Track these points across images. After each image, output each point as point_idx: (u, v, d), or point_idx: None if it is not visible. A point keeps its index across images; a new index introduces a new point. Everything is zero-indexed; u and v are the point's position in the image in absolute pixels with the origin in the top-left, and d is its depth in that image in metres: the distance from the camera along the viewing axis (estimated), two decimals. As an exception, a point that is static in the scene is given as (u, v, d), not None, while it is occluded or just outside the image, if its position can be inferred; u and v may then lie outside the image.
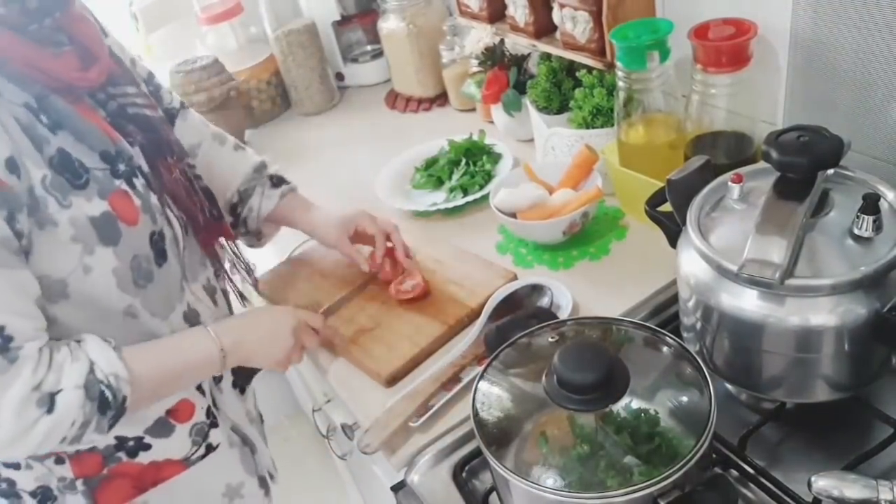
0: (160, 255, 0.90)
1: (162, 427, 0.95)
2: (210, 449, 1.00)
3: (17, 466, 0.92)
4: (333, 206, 1.23)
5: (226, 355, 0.94)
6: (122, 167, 0.86)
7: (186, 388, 0.97)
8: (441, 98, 1.80)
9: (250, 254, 1.20)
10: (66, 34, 0.86)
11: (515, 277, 1.17)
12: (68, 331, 0.85)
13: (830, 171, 0.82)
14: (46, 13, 0.82)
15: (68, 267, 0.81)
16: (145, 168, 0.91)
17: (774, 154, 0.79)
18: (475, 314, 1.11)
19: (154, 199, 0.90)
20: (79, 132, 0.83)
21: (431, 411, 0.98)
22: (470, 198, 1.38)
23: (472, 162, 1.45)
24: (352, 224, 1.18)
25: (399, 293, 1.16)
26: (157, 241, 0.89)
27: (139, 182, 0.88)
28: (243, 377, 1.09)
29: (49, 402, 0.79)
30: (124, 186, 0.86)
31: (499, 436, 0.74)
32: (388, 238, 1.19)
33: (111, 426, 0.84)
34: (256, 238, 1.21)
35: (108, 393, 0.82)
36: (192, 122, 1.14)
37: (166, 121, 1.00)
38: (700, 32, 1.02)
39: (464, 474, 0.91)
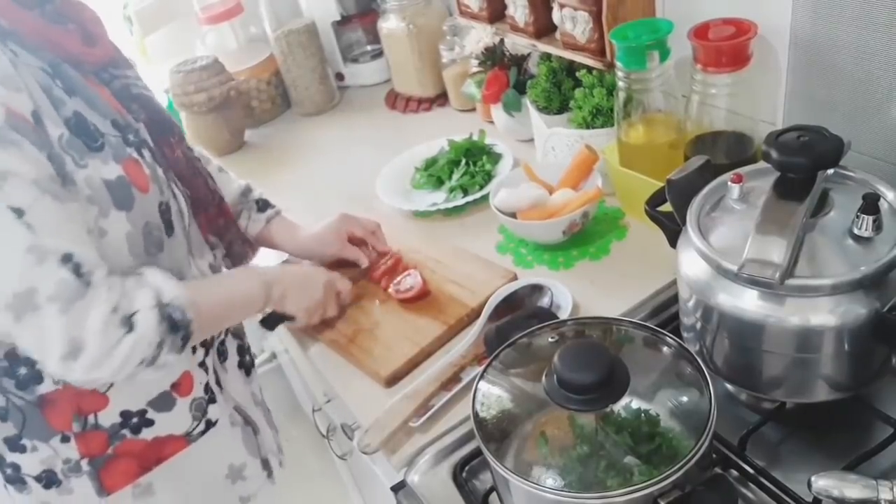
0: (168, 226, 0.93)
1: (165, 400, 0.97)
2: (210, 424, 1.01)
3: (22, 449, 0.93)
4: (332, 207, 1.24)
5: (269, 288, 1.02)
6: (131, 137, 0.89)
7: (240, 320, 1.06)
8: (441, 98, 1.80)
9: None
10: (67, 18, 0.89)
11: (515, 277, 1.17)
12: None
13: (830, 171, 0.82)
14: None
15: (86, 228, 0.83)
16: (150, 143, 0.94)
17: (774, 154, 0.79)
18: (475, 314, 1.11)
19: (160, 171, 0.92)
20: (90, 100, 0.86)
21: (431, 411, 0.98)
22: (470, 198, 1.38)
23: (472, 162, 1.45)
24: (344, 231, 1.22)
25: (398, 293, 1.16)
26: (164, 211, 0.92)
27: (147, 154, 0.91)
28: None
29: (129, 323, 0.82)
30: (135, 154, 0.88)
31: (499, 436, 0.74)
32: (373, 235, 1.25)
33: (181, 347, 0.88)
34: (240, 259, 1.21)
35: (177, 314, 0.86)
36: None
37: (163, 106, 1.03)
38: (700, 32, 1.02)
39: (464, 474, 0.91)
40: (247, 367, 1.12)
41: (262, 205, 1.22)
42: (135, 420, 0.95)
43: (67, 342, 0.79)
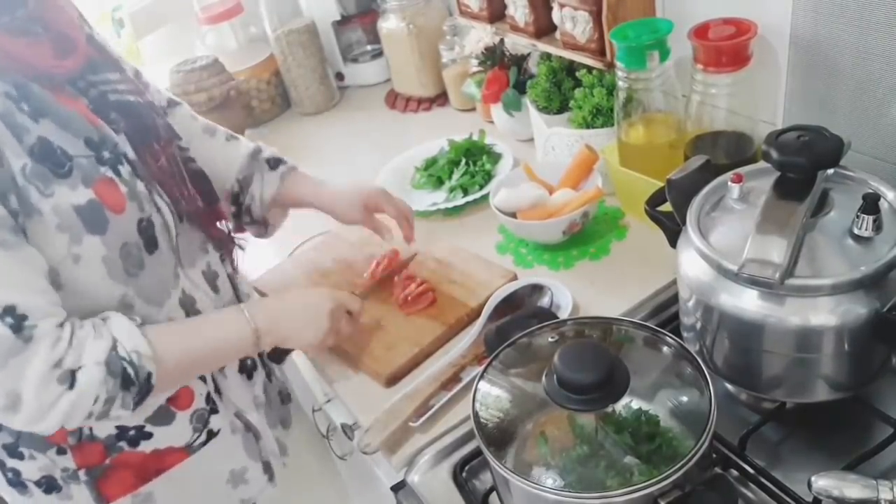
0: (150, 243, 0.89)
1: (163, 415, 0.95)
2: (211, 435, 1.00)
3: (21, 457, 0.92)
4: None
5: (260, 336, 0.94)
6: (106, 154, 0.85)
7: (219, 367, 0.98)
8: (441, 98, 1.80)
9: (250, 251, 1.19)
10: (40, 23, 0.84)
11: (515, 277, 1.17)
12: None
13: (830, 171, 0.82)
14: (19, 4, 0.82)
15: (57, 256, 0.81)
16: (131, 155, 0.89)
17: (774, 154, 0.79)
18: (475, 314, 1.11)
19: (141, 186, 0.88)
20: (61, 119, 0.82)
21: (431, 411, 0.98)
22: (470, 198, 1.38)
23: (472, 162, 1.45)
24: (373, 200, 1.17)
25: (407, 304, 1.16)
26: (145, 228, 0.88)
27: (125, 169, 0.87)
28: (276, 357, 1.09)
29: (70, 379, 0.79)
30: (109, 174, 0.84)
31: (499, 436, 0.74)
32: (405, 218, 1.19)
33: (137, 403, 0.84)
34: (263, 227, 1.18)
35: (130, 370, 0.82)
36: (179, 120, 1.12)
37: (152, 106, 0.98)
38: (700, 32, 1.02)
39: (464, 474, 0.91)
40: (248, 370, 1.09)
41: (274, 162, 1.16)
42: (132, 433, 0.93)
43: (4, 395, 0.77)
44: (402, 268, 1.23)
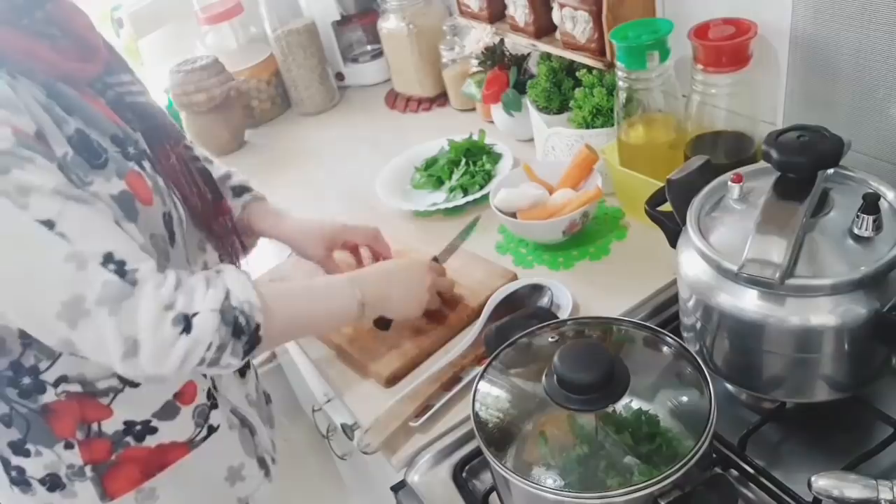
0: (171, 237, 0.92)
1: (169, 409, 0.96)
2: (211, 430, 1.01)
3: (27, 454, 0.93)
4: (332, 207, 1.22)
5: (365, 306, 0.98)
6: (131, 150, 0.88)
7: (322, 333, 1.02)
8: (441, 98, 1.80)
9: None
10: (57, 26, 0.86)
11: (515, 277, 1.17)
12: None
13: (830, 171, 0.82)
14: (36, 6, 0.83)
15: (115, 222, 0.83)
16: (149, 153, 0.93)
17: (774, 154, 0.79)
18: (475, 314, 1.11)
19: (161, 181, 0.91)
20: (89, 117, 0.84)
21: (431, 411, 0.98)
22: (470, 198, 1.38)
23: (472, 162, 1.45)
24: (335, 241, 1.17)
25: None
26: (168, 221, 0.91)
27: (147, 165, 0.90)
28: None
29: (185, 322, 0.81)
30: (136, 168, 0.87)
31: (499, 436, 0.74)
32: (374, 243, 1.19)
33: (247, 353, 0.86)
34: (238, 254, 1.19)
35: (241, 319, 0.84)
36: None
37: (160, 106, 1.01)
38: (700, 32, 1.02)
39: (464, 474, 0.91)
40: (241, 369, 1.10)
41: (239, 190, 1.17)
42: (138, 428, 0.95)
43: (123, 342, 0.78)
44: None
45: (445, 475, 0.92)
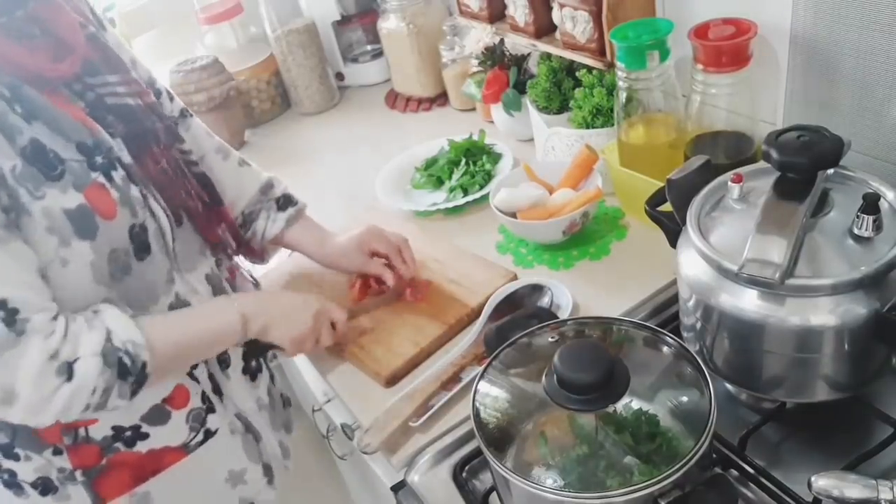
0: (142, 249, 0.89)
1: (158, 414, 0.95)
2: (209, 434, 1.00)
3: (16, 458, 0.92)
4: (332, 207, 1.21)
5: (247, 321, 0.96)
6: (99, 159, 0.85)
7: (213, 354, 0.99)
8: (441, 98, 1.80)
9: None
10: (38, 25, 0.84)
11: (515, 277, 1.17)
12: None
13: (830, 171, 0.82)
14: (19, 4, 0.82)
15: (45, 258, 0.81)
16: (126, 159, 0.89)
17: (774, 154, 0.79)
18: (475, 314, 1.11)
19: (135, 191, 0.88)
20: (53, 123, 0.82)
21: (431, 411, 0.98)
22: (470, 198, 1.38)
23: (472, 162, 1.45)
24: (367, 246, 1.16)
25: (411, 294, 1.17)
26: (138, 233, 0.88)
27: (118, 174, 0.87)
28: (254, 351, 1.08)
29: (68, 371, 0.80)
30: (101, 179, 0.84)
31: (499, 436, 0.74)
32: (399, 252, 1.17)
33: (134, 392, 0.85)
34: (260, 258, 1.19)
35: (126, 359, 0.83)
36: (193, 134, 1.11)
37: (153, 109, 0.97)
38: (700, 32, 1.02)
39: (464, 474, 0.91)
40: (252, 372, 1.09)
41: (283, 202, 1.16)
42: (128, 433, 0.93)
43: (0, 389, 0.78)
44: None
45: (445, 475, 0.92)
